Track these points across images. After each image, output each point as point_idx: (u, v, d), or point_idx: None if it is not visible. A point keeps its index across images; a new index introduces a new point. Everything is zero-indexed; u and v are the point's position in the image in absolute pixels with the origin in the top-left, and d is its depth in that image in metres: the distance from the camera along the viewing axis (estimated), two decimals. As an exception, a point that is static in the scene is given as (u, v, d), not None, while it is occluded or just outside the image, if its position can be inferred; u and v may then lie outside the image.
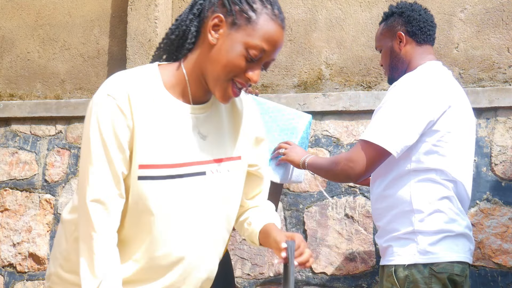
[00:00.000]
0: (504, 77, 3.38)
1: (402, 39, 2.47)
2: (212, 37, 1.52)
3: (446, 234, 2.30)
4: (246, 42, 1.50)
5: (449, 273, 2.28)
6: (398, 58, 2.49)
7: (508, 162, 3.20)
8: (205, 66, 1.54)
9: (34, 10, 4.24)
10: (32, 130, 4.05)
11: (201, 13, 1.56)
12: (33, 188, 3.93)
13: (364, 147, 2.31)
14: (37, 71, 4.20)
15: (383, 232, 2.42)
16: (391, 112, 2.31)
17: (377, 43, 2.59)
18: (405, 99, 2.31)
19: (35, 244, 3.81)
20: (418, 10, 2.51)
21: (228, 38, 1.51)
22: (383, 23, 2.55)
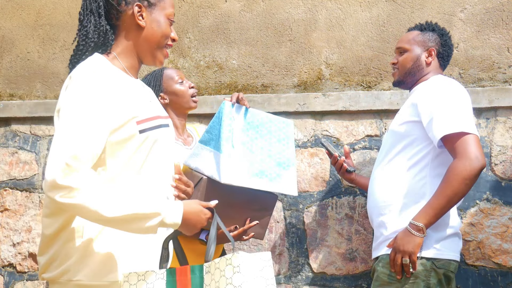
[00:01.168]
0: (504, 77, 3.38)
1: (432, 55, 2.68)
2: (141, 22, 1.95)
3: (449, 232, 2.44)
4: (165, 14, 1.98)
5: (446, 270, 2.43)
6: (420, 68, 2.68)
7: (508, 162, 3.20)
8: (140, 45, 1.97)
9: (34, 10, 4.24)
10: (32, 130, 4.05)
11: (107, 11, 1.95)
12: (33, 188, 3.93)
13: (465, 140, 2.37)
14: (37, 71, 4.20)
15: (388, 222, 2.46)
16: (452, 102, 2.44)
17: (405, 44, 2.71)
18: (457, 91, 2.49)
19: (35, 244, 3.80)
20: (451, 40, 2.79)
21: (152, 17, 1.96)
22: (419, 32, 2.72)
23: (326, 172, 3.45)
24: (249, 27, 3.79)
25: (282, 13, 3.75)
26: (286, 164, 2.70)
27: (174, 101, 2.90)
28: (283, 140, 2.72)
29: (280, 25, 3.75)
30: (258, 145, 2.67)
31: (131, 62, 1.99)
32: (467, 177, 2.35)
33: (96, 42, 1.95)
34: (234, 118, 2.64)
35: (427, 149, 2.48)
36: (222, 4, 3.86)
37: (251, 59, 3.74)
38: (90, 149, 1.75)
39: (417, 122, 2.49)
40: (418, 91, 2.57)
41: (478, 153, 2.36)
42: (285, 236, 3.44)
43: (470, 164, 2.33)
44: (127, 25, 1.97)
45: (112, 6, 1.96)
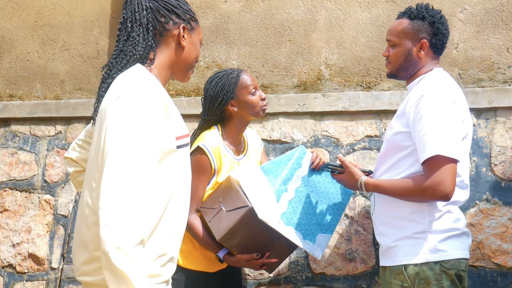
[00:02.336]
0: (504, 78, 3.38)
1: (424, 48, 2.52)
2: (183, 42, 2.08)
3: (453, 232, 2.41)
4: (199, 38, 2.15)
5: (457, 269, 2.39)
6: (412, 62, 2.54)
7: (507, 162, 3.20)
8: (177, 63, 2.09)
9: (33, 11, 4.24)
10: (32, 131, 4.05)
11: (153, 29, 2.05)
12: (32, 189, 3.93)
13: (442, 163, 2.29)
14: (36, 71, 4.19)
15: (390, 231, 2.45)
16: (441, 123, 2.33)
17: (394, 37, 2.56)
18: (446, 109, 2.36)
19: (35, 244, 3.80)
20: (446, 24, 2.57)
21: (191, 40, 2.11)
22: (409, 21, 2.54)
23: (326, 172, 3.45)
24: (248, 27, 3.79)
25: (282, 14, 3.75)
26: (325, 228, 2.74)
27: (243, 110, 2.81)
28: (335, 206, 2.77)
29: (280, 25, 3.75)
30: (311, 199, 2.72)
31: (164, 76, 2.08)
32: (422, 198, 2.35)
33: (141, 55, 2.03)
34: (301, 166, 2.71)
35: None
36: (222, 5, 3.86)
37: (251, 60, 3.74)
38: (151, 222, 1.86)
39: (409, 134, 2.42)
40: (412, 97, 2.46)
41: (449, 183, 2.29)
42: (284, 236, 3.44)
43: (432, 192, 2.30)
44: (169, 43, 2.08)
45: (159, 23, 2.06)
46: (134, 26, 2.03)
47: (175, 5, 2.09)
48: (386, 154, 2.52)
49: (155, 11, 2.06)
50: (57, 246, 3.78)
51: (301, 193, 2.70)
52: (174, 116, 1.97)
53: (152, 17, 2.05)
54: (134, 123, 1.80)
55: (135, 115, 1.81)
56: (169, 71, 2.10)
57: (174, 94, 3.90)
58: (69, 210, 3.81)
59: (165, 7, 2.07)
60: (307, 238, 2.68)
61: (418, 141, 2.36)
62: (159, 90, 1.95)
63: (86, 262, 1.94)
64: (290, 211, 2.65)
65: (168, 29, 2.06)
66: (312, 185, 2.73)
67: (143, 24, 2.03)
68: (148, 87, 1.90)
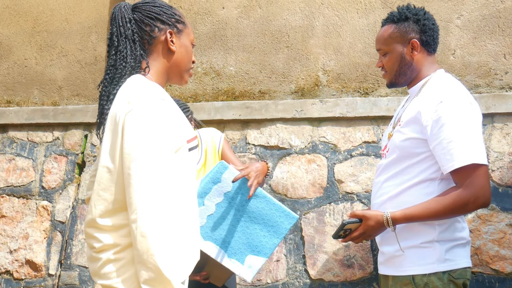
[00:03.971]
0: (501, 84, 3.39)
1: (416, 47, 2.46)
2: (172, 47, 2.10)
3: (460, 242, 2.38)
4: (190, 39, 2.16)
5: (464, 279, 2.36)
6: (409, 66, 2.48)
7: (505, 168, 3.21)
8: (171, 67, 2.12)
9: (31, 17, 4.24)
10: (29, 137, 4.05)
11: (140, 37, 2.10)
12: (30, 195, 3.92)
13: (476, 171, 2.26)
14: (34, 77, 4.19)
15: (394, 240, 2.40)
16: (467, 130, 2.30)
17: (383, 45, 2.50)
18: (468, 114, 2.33)
19: (32, 251, 3.79)
20: (431, 19, 2.51)
21: (181, 42, 2.12)
22: (394, 26, 2.49)
23: (324, 178, 3.45)
24: (246, 33, 3.79)
25: (280, 20, 3.75)
26: (258, 251, 2.60)
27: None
28: (272, 229, 2.64)
29: (278, 31, 3.75)
30: (238, 217, 2.61)
31: (160, 83, 2.12)
32: (464, 212, 2.30)
33: (133, 66, 2.08)
34: (221, 181, 2.60)
35: (436, 167, 2.38)
36: (220, 11, 3.87)
37: (249, 66, 3.74)
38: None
39: (424, 141, 2.35)
40: (424, 100, 2.39)
41: (486, 191, 2.26)
42: (282, 242, 3.43)
43: (475, 200, 2.25)
44: (158, 49, 2.12)
45: (145, 32, 2.10)
46: (120, 40, 2.08)
47: (158, 12, 2.12)
48: (394, 160, 2.44)
49: (139, 22, 2.11)
50: (54, 252, 3.77)
51: (224, 209, 2.59)
52: (181, 120, 2.02)
53: (137, 28, 2.10)
54: (152, 134, 1.88)
55: (152, 126, 1.89)
56: (164, 77, 2.13)
57: (172, 100, 3.90)
58: (66, 216, 3.80)
59: (148, 16, 2.11)
60: (233, 257, 2.58)
61: (442, 150, 2.29)
62: (166, 96, 2.00)
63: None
64: (210, 225, 2.56)
65: (155, 37, 2.10)
66: (240, 204, 2.61)
67: (129, 36, 2.08)
68: (156, 96, 1.95)
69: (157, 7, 2.13)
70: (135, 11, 2.12)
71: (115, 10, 2.13)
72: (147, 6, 2.13)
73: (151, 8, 2.13)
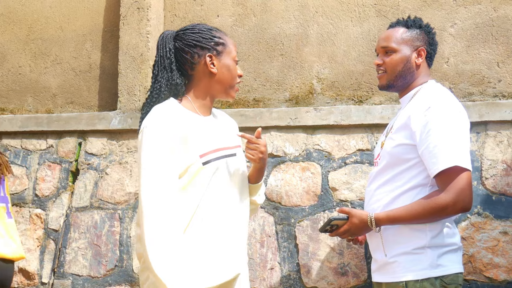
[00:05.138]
0: (494, 92, 3.40)
1: (421, 56, 2.50)
2: (213, 69, 2.27)
3: (451, 247, 2.38)
4: (232, 57, 2.31)
5: (456, 284, 2.37)
6: (411, 70, 2.50)
7: (498, 176, 3.21)
8: (214, 87, 2.30)
9: (26, 24, 4.24)
10: (23, 145, 4.04)
11: (181, 65, 2.28)
12: (23, 203, 3.91)
13: (458, 174, 2.27)
14: (28, 85, 4.19)
15: (388, 247, 2.41)
16: (453, 135, 2.32)
17: (393, 43, 2.50)
18: (456, 120, 2.35)
19: (25, 259, 3.78)
20: (435, 36, 2.59)
21: (222, 63, 2.29)
22: (405, 29, 2.52)
23: (318, 186, 3.45)
24: (241, 41, 3.80)
25: (274, 28, 3.76)
26: None
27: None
28: None
29: (272, 40, 3.76)
30: None
31: (203, 102, 2.31)
32: (444, 215, 2.31)
33: (167, 95, 2.28)
34: None
35: (427, 173, 2.39)
36: (214, 19, 3.88)
37: (243, 74, 3.75)
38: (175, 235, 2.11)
39: (413, 146, 2.37)
40: (413, 107, 2.42)
41: (467, 195, 2.28)
42: (276, 250, 3.43)
43: (454, 205, 2.27)
44: (200, 73, 2.29)
45: (186, 59, 2.27)
46: (160, 70, 2.28)
47: (196, 39, 2.29)
48: (385, 167, 2.46)
49: (180, 50, 2.28)
50: (47, 260, 3.76)
51: None
52: (195, 137, 2.20)
53: (179, 56, 2.28)
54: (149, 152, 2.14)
55: (150, 145, 2.14)
56: (207, 96, 2.31)
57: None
58: (60, 225, 3.79)
59: (188, 44, 2.28)
60: None
61: (428, 154, 2.31)
62: (176, 120, 2.17)
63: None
64: None
65: (196, 62, 2.28)
66: None
67: (167, 67, 2.28)
68: (163, 119, 2.16)
69: (196, 34, 2.29)
70: (176, 40, 2.30)
71: (159, 39, 2.33)
72: (187, 34, 2.30)
73: (190, 35, 2.29)
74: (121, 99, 3.86)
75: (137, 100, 3.82)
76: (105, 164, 3.82)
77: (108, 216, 3.71)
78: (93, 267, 3.65)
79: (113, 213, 3.71)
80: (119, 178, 3.75)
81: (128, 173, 3.75)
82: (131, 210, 3.68)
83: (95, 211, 3.75)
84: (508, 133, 3.26)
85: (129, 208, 3.69)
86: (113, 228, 3.69)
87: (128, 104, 3.84)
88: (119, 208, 3.71)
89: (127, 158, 3.79)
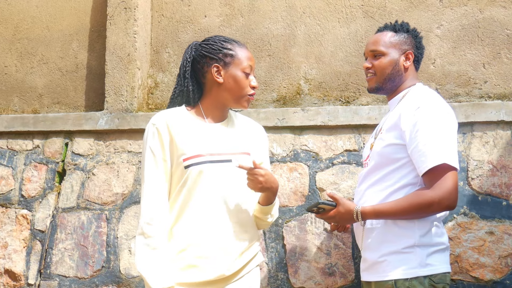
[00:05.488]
0: (480, 93, 3.43)
1: (410, 59, 2.56)
2: (219, 79, 2.42)
3: (440, 247, 2.43)
4: (241, 68, 2.42)
5: (444, 283, 2.41)
6: (399, 73, 2.55)
7: (484, 176, 3.24)
8: (221, 96, 2.44)
9: (12, 24, 4.21)
10: (9, 145, 4.01)
11: (193, 73, 2.47)
12: (9, 204, 3.88)
13: (445, 172, 2.30)
14: (14, 85, 4.16)
15: (377, 246, 2.43)
16: (441, 134, 2.35)
17: (381, 47, 2.55)
18: (444, 120, 2.39)
19: (11, 260, 3.75)
20: (422, 39, 2.66)
21: (229, 74, 2.42)
22: (393, 33, 2.58)
23: (305, 186, 3.45)
24: (228, 42, 3.80)
25: (261, 29, 3.77)
26: None
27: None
28: None
29: (259, 40, 3.76)
30: None
31: (213, 110, 2.48)
32: (429, 212, 2.34)
33: (180, 100, 2.50)
34: None
35: (416, 172, 2.42)
36: (202, 19, 3.87)
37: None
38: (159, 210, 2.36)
39: (403, 146, 2.41)
40: (403, 108, 2.46)
41: (453, 193, 2.32)
42: (264, 251, 3.43)
43: (439, 202, 2.30)
44: (210, 81, 2.45)
45: (199, 69, 2.46)
46: (179, 78, 2.49)
47: (207, 50, 2.45)
48: (374, 167, 2.49)
49: (195, 60, 2.47)
50: (34, 261, 3.73)
51: None
52: (181, 142, 2.39)
53: (194, 65, 2.47)
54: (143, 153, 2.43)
55: (144, 147, 2.42)
56: (217, 104, 2.47)
57: (154, 108, 3.89)
58: (46, 225, 3.77)
59: (200, 54, 2.46)
60: None
61: (417, 153, 2.34)
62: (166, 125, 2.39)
63: None
64: None
65: (206, 71, 2.45)
66: None
67: (181, 75, 2.48)
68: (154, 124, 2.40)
69: (208, 45, 2.46)
70: (193, 50, 2.49)
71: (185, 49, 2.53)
72: (202, 45, 2.49)
73: (203, 46, 2.47)
74: (108, 99, 3.85)
75: (124, 100, 3.81)
76: (92, 164, 3.80)
77: (95, 217, 3.70)
78: (80, 268, 3.64)
79: (100, 214, 3.70)
80: (106, 179, 3.74)
81: (115, 174, 3.73)
82: (118, 210, 3.67)
83: (82, 212, 3.73)
84: (494, 134, 3.29)
85: (116, 208, 3.68)
86: (100, 229, 3.67)
87: (115, 104, 3.83)
88: (106, 209, 3.69)
89: (114, 158, 3.77)
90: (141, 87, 3.87)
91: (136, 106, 3.81)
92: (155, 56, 3.96)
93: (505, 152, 3.25)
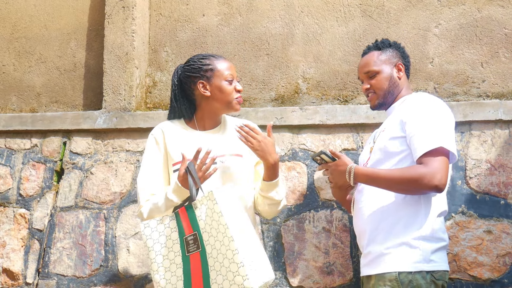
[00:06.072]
0: (478, 92, 3.43)
1: (401, 69, 2.72)
2: (206, 93, 2.69)
3: (443, 243, 2.50)
4: (224, 78, 2.69)
5: (443, 281, 2.48)
6: (396, 85, 2.70)
7: (482, 175, 3.24)
8: (212, 106, 2.71)
9: (9, 23, 4.21)
10: (7, 144, 4.01)
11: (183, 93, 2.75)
12: (7, 203, 3.88)
13: (440, 155, 2.39)
14: (12, 84, 4.16)
15: (383, 238, 2.47)
16: (439, 120, 2.47)
17: (373, 67, 2.69)
18: (442, 110, 2.53)
19: (9, 259, 3.75)
20: (404, 49, 2.82)
21: (213, 86, 2.69)
22: (379, 51, 2.73)
23: (304, 185, 3.46)
24: (226, 41, 3.80)
25: (260, 28, 3.77)
26: None
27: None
28: None
29: (258, 39, 3.76)
30: None
31: (205, 119, 2.75)
32: (419, 187, 2.39)
33: (176, 116, 2.78)
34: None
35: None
36: (200, 18, 3.87)
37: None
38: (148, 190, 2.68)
39: (405, 138, 2.52)
40: (405, 108, 2.57)
41: (444, 174, 2.39)
42: (262, 250, 3.43)
43: (430, 179, 2.36)
44: (199, 97, 2.73)
45: (186, 88, 2.74)
46: (171, 99, 2.76)
47: (189, 70, 2.72)
48: (377, 163, 2.58)
49: (182, 82, 2.74)
50: (32, 260, 3.73)
51: None
52: (172, 149, 2.68)
53: (183, 86, 2.74)
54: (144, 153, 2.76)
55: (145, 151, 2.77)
56: (209, 114, 2.74)
57: (152, 107, 3.89)
58: (44, 224, 3.77)
59: (184, 76, 2.73)
60: None
61: (415, 139, 2.45)
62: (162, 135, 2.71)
63: None
64: None
65: (193, 89, 2.73)
66: None
67: (173, 98, 2.76)
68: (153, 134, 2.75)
69: (189, 66, 2.73)
70: (179, 73, 2.75)
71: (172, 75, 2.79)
72: (184, 67, 2.75)
73: (185, 68, 2.74)
74: (106, 98, 3.85)
75: (122, 99, 3.81)
76: (90, 163, 3.80)
77: (93, 216, 3.70)
78: (78, 267, 3.64)
79: (98, 213, 3.70)
80: (104, 178, 3.74)
81: (113, 173, 3.73)
82: (116, 209, 3.67)
83: (80, 211, 3.73)
84: (492, 133, 3.29)
85: (114, 207, 3.68)
86: (98, 228, 3.67)
87: (113, 103, 3.82)
88: (104, 208, 3.69)
89: (112, 157, 3.77)
90: (139, 86, 3.86)
91: (134, 105, 3.81)
92: (153, 55, 3.96)
93: (503, 151, 3.26)
